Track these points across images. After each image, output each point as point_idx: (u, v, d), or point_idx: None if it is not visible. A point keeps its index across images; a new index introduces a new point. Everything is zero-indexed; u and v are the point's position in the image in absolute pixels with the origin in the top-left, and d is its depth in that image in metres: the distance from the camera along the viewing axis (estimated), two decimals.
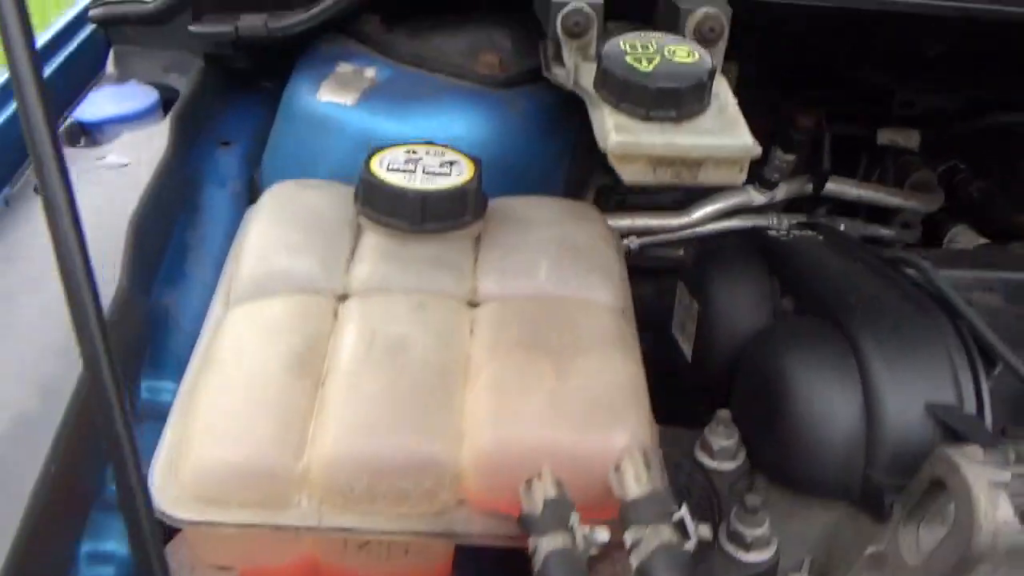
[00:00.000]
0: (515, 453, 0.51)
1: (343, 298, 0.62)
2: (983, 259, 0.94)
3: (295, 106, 0.85)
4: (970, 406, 0.66)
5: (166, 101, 0.86)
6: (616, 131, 0.62)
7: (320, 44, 0.91)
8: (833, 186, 1.22)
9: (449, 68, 0.87)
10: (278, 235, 0.65)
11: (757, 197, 1.21)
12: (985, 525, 0.54)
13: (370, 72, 0.87)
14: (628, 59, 0.64)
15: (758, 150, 0.63)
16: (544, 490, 0.49)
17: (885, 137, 1.24)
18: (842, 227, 1.25)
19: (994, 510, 0.54)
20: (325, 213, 0.68)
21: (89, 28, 0.89)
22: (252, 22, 0.84)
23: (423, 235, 0.65)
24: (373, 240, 0.66)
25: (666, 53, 0.65)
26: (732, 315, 0.87)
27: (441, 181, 0.66)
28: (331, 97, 0.83)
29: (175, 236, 0.76)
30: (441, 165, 0.68)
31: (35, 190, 0.70)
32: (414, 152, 0.70)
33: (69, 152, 0.75)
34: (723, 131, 0.63)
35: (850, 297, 0.74)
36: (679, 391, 0.95)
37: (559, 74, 0.77)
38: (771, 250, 0.90)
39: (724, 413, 0.75)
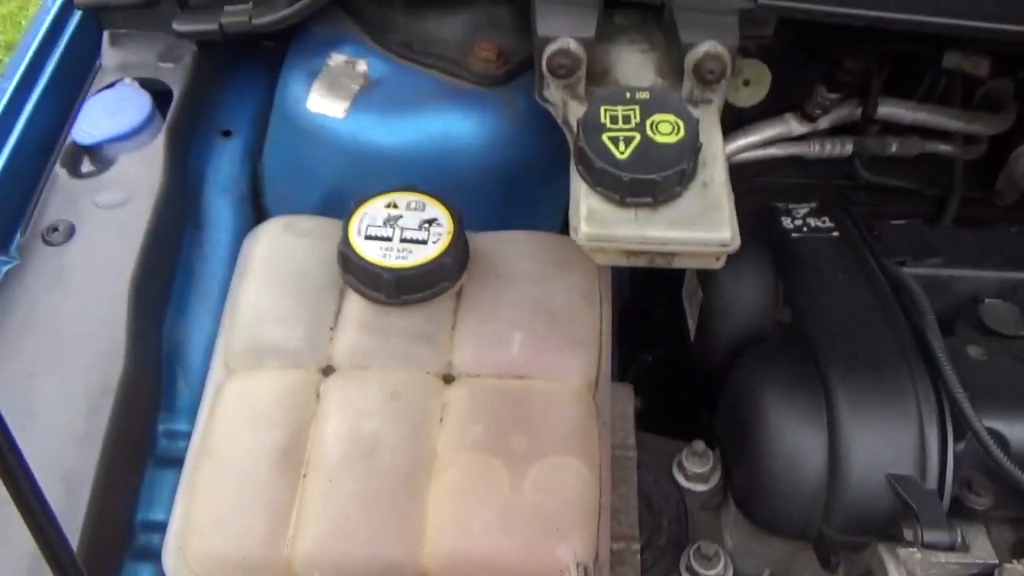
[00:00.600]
0: (469, 562, 0.57)
1: (327, 371, 0.66)
2: (1013, 252, 0.89)
3: (288, 110, 0.83)
4: (932, 476, 0.68)
5: (162, 93, 0.85)
6: (587, 222, 0.61)
7: (313, 24, 0.86)
8: (885, 109, 1.13)
9: (443, 64, 0.82)
10: (269, 302, 0.68)
11: (797, 128, 1.13)
12: None
13: (362, 66, 0.83)
14: (605, 139, 0.61)
15: (736, 243, 0.61)
16: None
17: (951, 61, 1.11)
18: (894, 147, 1.17)
19: None
20: (313, 271, 0.70)
21: (79, 13, 0.87)
22: (236, 17, 0.80)
23: (402, 306, 0.67)
24: (356, 307, 0.68)
25: (648, 129, 0.61)
26: (734, 316, 0.87)
27: (418, 253, 0.66)
28: (321, 107, 0.80)
29: (180, 258, 0.80)
30: (420, 226, 0.68)
31: (43, 239, 0.74)
32: (395, 207, 0.69)
33: (69, 186, 0.77)
34: (702, 219, 0.61)
35: (837, 345, 0.73)
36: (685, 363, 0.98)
37: (549, 101, 0.72)
38: (781, 247, 0.87)
39: (699, 445, 0.79)
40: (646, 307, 1.16)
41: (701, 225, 0.61)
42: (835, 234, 0.88)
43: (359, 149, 0.80)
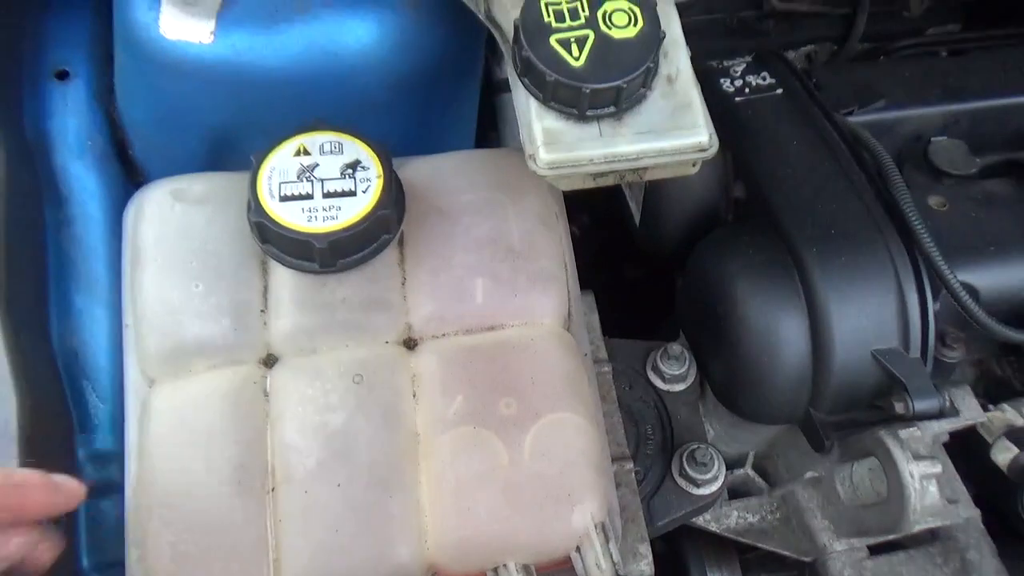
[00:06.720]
0: (477, 548, 0.52)
1: (269, 361, 0.57)
2: (954, 82, 0.86)
3: (136, 40, 0.66)
4: (915, 344, 0.66)
5: None
6: (546, 147, 0.52)
7: None
8: None
9: None
10: (179, 292, 0.57)
11: None
12: (914, 516, 0.58)
13: None
14: (555, 44, 0.51)
15: (715, 146, 0.54)
16: None
17: None
18: None
19: (922, 501, 0.58)
20: (222, 245, 0.58)
21: None
22: None
23: (340, 271, 0.57)
24: (285, 281, 0.58)
25: (601, 23, 0.51)
26: (684, 197, 0.82)
27: (348, 208, 0.56)
28: (180, 32, 0.64)
29: (48, 247, 0.66)
30: (342, 174, 0.57)
31: None
32: (306, 153, 0.58)
33: None
34: (674, 123, 0.53)
35: (806, 221, 0.69)
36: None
37: None
38: (725, 114, 0.80)
39: (675, 348, 0.75)
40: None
41: (674, 130, 0.53)
42: (779, 91, 0.81)
43: (237, 77, 0.66)
